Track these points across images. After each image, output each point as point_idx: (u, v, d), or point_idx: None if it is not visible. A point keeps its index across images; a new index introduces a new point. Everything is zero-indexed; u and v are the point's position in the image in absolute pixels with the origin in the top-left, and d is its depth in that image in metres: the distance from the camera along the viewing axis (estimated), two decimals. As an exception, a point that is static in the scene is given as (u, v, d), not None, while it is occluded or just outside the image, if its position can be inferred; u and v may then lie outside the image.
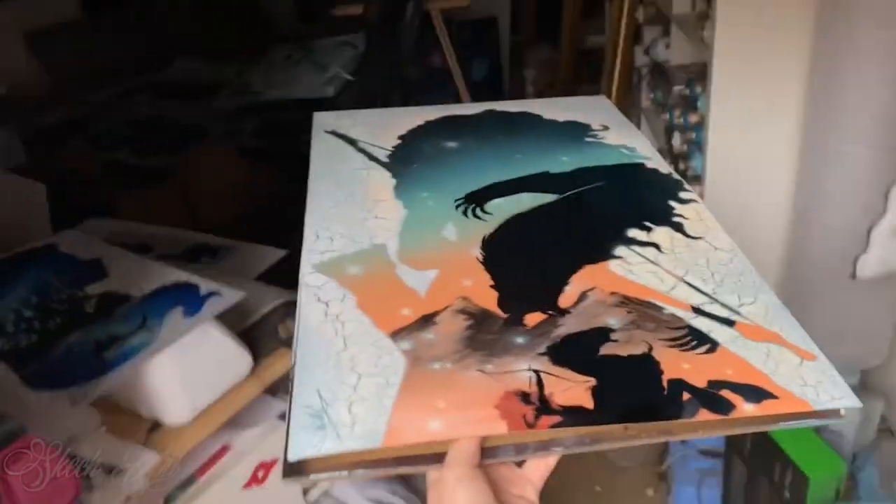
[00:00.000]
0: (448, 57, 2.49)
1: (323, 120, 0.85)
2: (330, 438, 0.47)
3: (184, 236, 1.43)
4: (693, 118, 1.41)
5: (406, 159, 0.77)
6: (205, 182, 2.65)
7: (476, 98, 3.05)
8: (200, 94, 3.02)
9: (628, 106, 1.87)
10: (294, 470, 0.47)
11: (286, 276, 1.03)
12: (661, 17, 1.73)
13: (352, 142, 0.79)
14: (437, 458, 0.49)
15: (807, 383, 0.52)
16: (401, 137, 0.80)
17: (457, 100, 2.60)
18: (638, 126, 1.84)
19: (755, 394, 0.51)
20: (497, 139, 0.80)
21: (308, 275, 0.61)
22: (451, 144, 0.79)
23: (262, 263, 1.34)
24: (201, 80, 3.14)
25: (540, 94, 2.71)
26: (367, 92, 2.00)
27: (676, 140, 1.45)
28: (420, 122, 0.83)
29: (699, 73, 1.43)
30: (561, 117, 0.84)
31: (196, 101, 2.98)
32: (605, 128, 0.82)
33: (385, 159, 0.76)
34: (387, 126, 0.82)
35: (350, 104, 2.08)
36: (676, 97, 1.49)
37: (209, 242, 1.40)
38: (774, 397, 0.51)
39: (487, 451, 0.49)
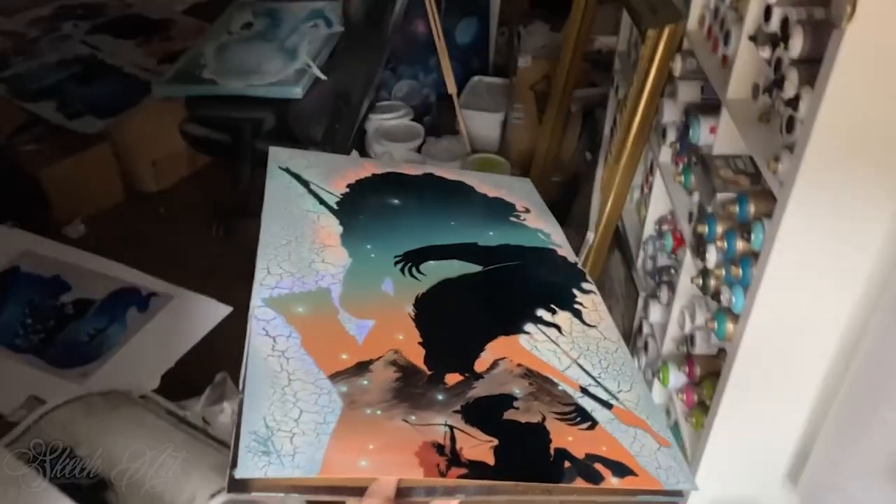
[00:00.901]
0: (434, 29, 2.20)
1: (278, 155, 0.89)
2: (274, 464, 0.53)
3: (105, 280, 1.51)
4: (740, 245, 1.14)
5: (353, 209, 0.82)
6: (141, 150, 2.36)
7: (463, 69, 2.76)
8: (145, 33, 2.65)
9: (640, 155, 1.58)
10: (238, 486, 0.53)
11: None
12: (700, 71, 1.41)
13: (305, 183, 0.84)
14: (360, 490, 0.55)
15: (661, 466, 0.61)
16: (349, 186, 0.85)
17: (439, 73, 2.31)
18: (650, 186, 1.61)
19: (621, 470, 0.60)
20: (434, 204, 0.87)
21: (258, 308, 0.66)
22: (394, 201, 0.85)
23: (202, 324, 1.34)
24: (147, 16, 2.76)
25: (535, 97, 2.39)
26: (342, 94, 1.72)
27: (712, 257, 1.21)
28: (367, 173, 0.88)
29: (758, 197, 1.11)
30: (491, 193, 0.91)
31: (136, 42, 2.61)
32: (527, 210, 0.89)
33: (334, 206, 0.81)
34: (337, 172, 0.88)
35: (320, 107, 1.80)
36: (719, 207, 1.23)
37: (137, 285, 1.51)
38: (635, 475, 0.59)
39: (402, 490, 0.56)
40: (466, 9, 2.73)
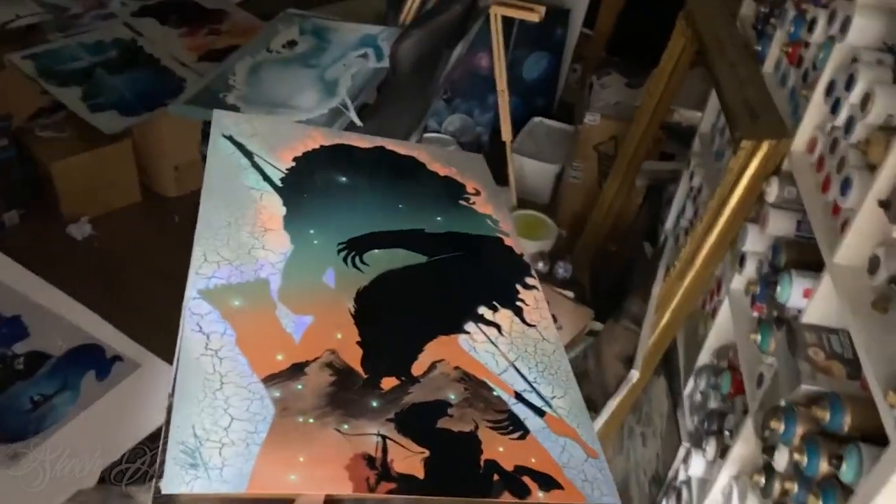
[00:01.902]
0: (498, 68, 1.97)
1: (222, 120, 0.85)
2: (201, 479, 0.52)
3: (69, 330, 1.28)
4: (824, 468, 0.85)
5: (298, 187, 0.79)
6: (164, 154, 2.18)
7: (525, 106, 2.52)
8: (193, 23, 2.46)
9: (708, 278, 1.31)
10: (164, 499, 0.51)
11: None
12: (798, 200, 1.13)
13: (248, 154, 0.80)
14: (289, 501, 0.54)
15: (587, 478, 0.62)
16: (295, 159, 0.82)
17: (497, 114, 2.08)
18: (714, 305, 1.36)
19: (548, 483, 0.60)
20: (384, 183, 0.85)
21: (193, 300, 0.64)
22: (342, 179, 0.83)
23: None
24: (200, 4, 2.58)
25: (598, 157, 2.13)
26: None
27: (782, 461, 0.92)
28: (316, 145, 0.85)
29: (858, 407, 0.86)
30: (442, 170, 0.89)
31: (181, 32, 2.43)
32: (477, 192, 0.87)
33: (278, 182, 0.78)
34: (284, 142, 0.84)
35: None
36: (801, 399, 0.96)
37: (102, 343, 1.26)
38: (561, 488, 0.60)
39: (332, 501, 0.55)
40: (539, 43, 2.50)
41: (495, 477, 0.60)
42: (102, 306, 1.29)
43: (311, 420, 0.59)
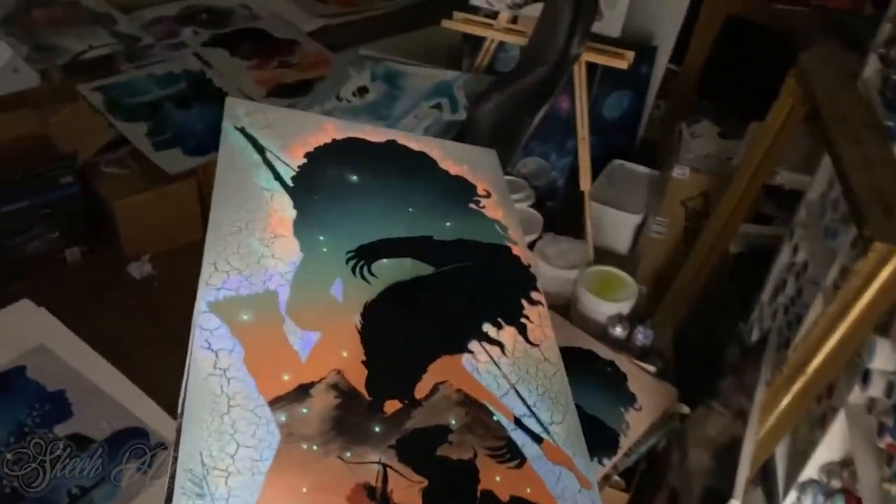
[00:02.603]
0: (579, 114, 1.83)
1: (235, 110, 0.83)
2: None
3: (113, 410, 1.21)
4: None
5: (309, 187, 0.77)
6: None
7: (604, 146, 2.36)
8: (264, 54, 2.39)
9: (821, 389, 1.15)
10: None
11: None
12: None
13: (261, 150, 0.78)
14: None
15: None
16: (307, 156, 0.80)
17: (576, 159, 1.94)
18: (822, 413, 1.20)
19: None
20: (394, 183, 0.82)
21: (203, 314, 0.64)
22: (352, 178, 0.81)
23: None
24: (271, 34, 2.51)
25: (685, 213, 1.97)
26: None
27: None
28: (328, 138, 0.83)
29: None
30: (453, 169, 0.86)
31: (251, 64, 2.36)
32: (488, 194, 0.86)
33: (289, 182, 0.77)
34: (297, 136, 0.81)
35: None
36: None
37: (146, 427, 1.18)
38: None
39: None
40: (622, 82, 2.34)
41: None
42: (155, 346, 1.23)
43: (314, 447, 0.59)
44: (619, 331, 1.79)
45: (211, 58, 2.36)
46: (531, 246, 2.05)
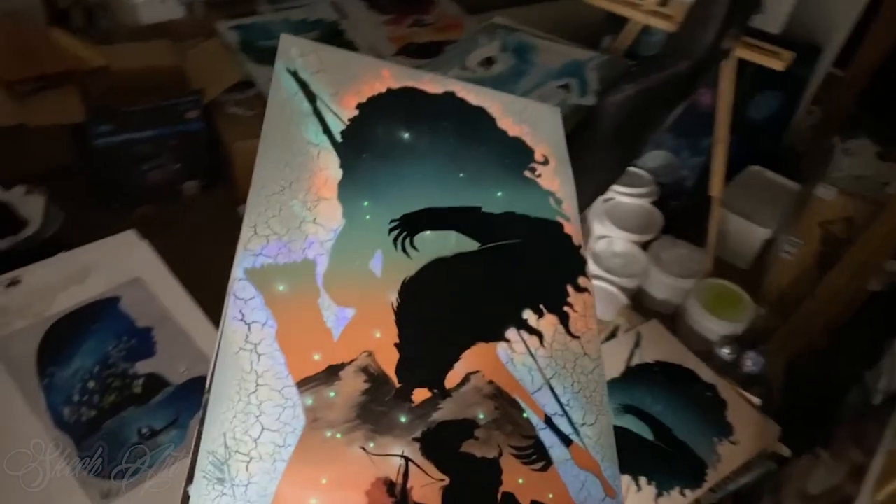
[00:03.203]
0: (721, 114, 1.68)
1: (288, 49, 0.79)
2: (226, 496, 0.52)
3: (193, 354, 1.19)
4: None
5: (358, 144, 0.74)
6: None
7: (745, 149, 2.17)
8: (401, 9, 2.33)
9: None
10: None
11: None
12: None
13: (311, 98, 0.75)
14: None
15: None
16: (359, 107, 0.77)
17: (710, 160, 1.79)
18: None
19: None
20: (447, 143, 0.79)
21: (239, 281, 0.62)
22: (404, 136, 0.77)
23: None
24: None
25: (822, 237, 1.77)
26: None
27: None
28: (383, 87, 0.79)
29: None
30: (512, 130, 0.82)
31: (385, 19, 2.31)
32: (546, 161, 0.81)
33: (338, 136, 0.74)
34: (350, 83, 0.77)
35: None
36: None
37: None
38: None
39: None
40: (773, 82, 2.13)
41: None
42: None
43: (338, 435, 0.58)
44: (726, 353, 1.65)
45: (348, 7, 2.34)
46: (646, 246, 1.92)
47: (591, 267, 1.83)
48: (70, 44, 1.92)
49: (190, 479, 0.53)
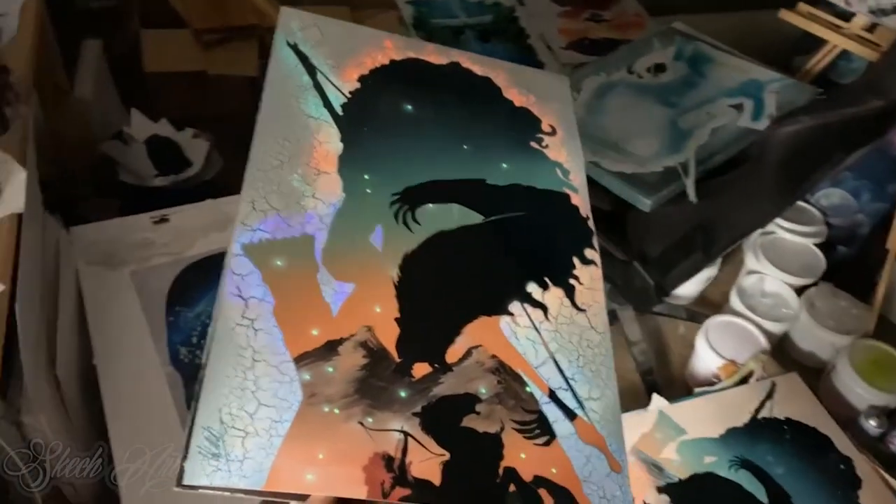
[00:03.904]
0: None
1: (289, 21, 0.77)
2: (221, 471, 0.51)
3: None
4: None
5: (359, 116, 0.73)
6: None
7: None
8: (581, 1, 2.27)
9: None
10: (185, 485, 0.51)
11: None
12: None
13: (312, 71, 0.73)
14: (303, 497, 0.54)
15: (605, 495, 0.59)
16: (361, 79, 0.76)
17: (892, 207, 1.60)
18: None
19: (565, 498, 0.58)
20: (451, 114, 0.77)
21: (236, 256, 0.61)
22: (407, 107, 0.76)
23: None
24: None
25: None
26: (706, 230, 1.18)
27: None
28: (385, 59, 0.78)
29: None
30: (518, 100, 0.80)
31: (562, 10, 2.25)
32: (553, 131, 0.79)
33: (339, 110, 0.72)
34: (352, 54, 0.76)
35: (668, 227, 1.29)
36: None
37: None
38: None
39: (344, 499, 0.54)
40: None
41: (511, 487, 0.58)
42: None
43: (336, 410, 0.57)
44: (873, 425, 1.48)
45: (529, -5, 2.30)
46: (801, 290, 1.76)
47: (734, 302, 1.70)
48: (258, 0, 2.02)
49: (185, 454, 0.53)
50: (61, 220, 1.30)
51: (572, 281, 0.71)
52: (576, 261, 0.72)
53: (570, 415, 0.63)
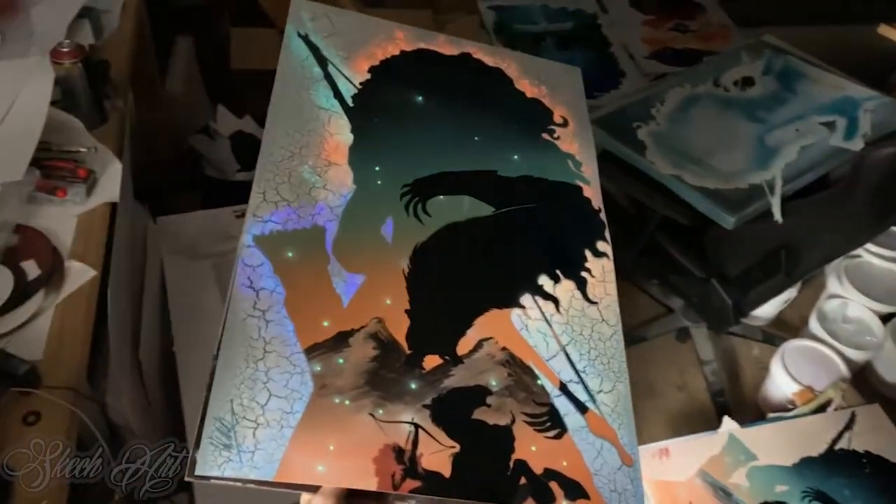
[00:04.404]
0: None
1: (299, 12, 0.78)
2: (233, 462, 0.52)
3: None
4: None
5: (370, 109, 0.73)
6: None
7: None
8: (664, 10, 2.22)
9: None
10: (196, 475, 0.52)
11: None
12: None
13: (322, 62, 0.74)
14: (315, 487, 0.54)
15: (616, 489, 0.58)
16: (371, 70, 0.76)
17: None
18: None
19: (575, 491, 0.57)
20: (462, 104, 0.77)
21: (247, 248, 0.61)
22: (417, 98, 0.76)
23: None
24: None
25: None
26: (791, 251, 1.14)
27: None
28: (396, 50, 0.78)
29: None
30: (529, 91, 0.80)
31: (646, 19, 2.22)
32: (565, 122, 0.79)
33: (349, 101, 0.72)
34: (362, 45, 0.77)
35: (752, 246, 1.25)
36: None
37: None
38: (588, 497, 0.57)
39: (354, 491, 0.54)
40: None
41: (522, 480, 0.58)
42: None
43: (346, 402, 0.57)
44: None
45: (611, 2, 2.26)
46: (886, 318, 1.68)
47: (813, 326, 1.63)
48: (344, 1, 2.05)
49: (197, 444, 0.53)
50: (149, 209, 1.35)
51: (584, 273, 0.70)
52: (588, 253, 0.72)
53: (582, 408, 0.63)
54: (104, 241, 1.06)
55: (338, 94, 0.74)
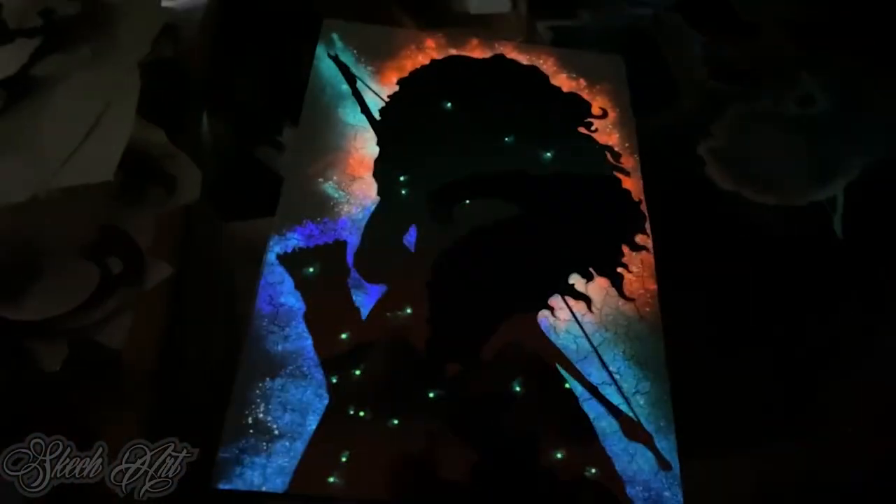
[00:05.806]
0: None
1: (329, 33, 0.75)
2: (246, 476, 0.53)
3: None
4: None
5: (397, 120, 0.71)
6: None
7: None
8: (722, 28, 2.24)
9: None
10: (214, 487, 0.54)
11: None
12: None
13: (351, 80, 0.74)
14: (329, 499, 0.53)
15: (650, 497, 0.56)
16: (400, 83, 0.75)
17: None
18: None
19: (605, 501, 0.55)
20: (494, 106, 0.74)
21: (270, 266, 0.63)
22: (447, 106, 0.74)
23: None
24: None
25: None
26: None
27: None
28: (426, 60, 0.77)
29: None
30: (567, 85, 0.78)
31: (702, 39, 2.24)
32: (604, 114, 0.76)
33: (377, 115, 0.71)
34: (392, 58, 0.76)
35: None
36: None
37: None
38: None
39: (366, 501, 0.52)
40: None
41: (546, 489, 0.54)
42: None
43: (361, 413, 0.56)
44: None
45: (667, 21, 2.27)
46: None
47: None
48: (399, 16, 2.11)
49: (214, 456, 0.54)
50: (218, 213, 1.41)
51: (620, 269, 0.68)
52: (625, 248, 0.70)
53: (615, 411, 0.61)
54: (180, 242, 1.11)
55: (365, 109, 0.74)
